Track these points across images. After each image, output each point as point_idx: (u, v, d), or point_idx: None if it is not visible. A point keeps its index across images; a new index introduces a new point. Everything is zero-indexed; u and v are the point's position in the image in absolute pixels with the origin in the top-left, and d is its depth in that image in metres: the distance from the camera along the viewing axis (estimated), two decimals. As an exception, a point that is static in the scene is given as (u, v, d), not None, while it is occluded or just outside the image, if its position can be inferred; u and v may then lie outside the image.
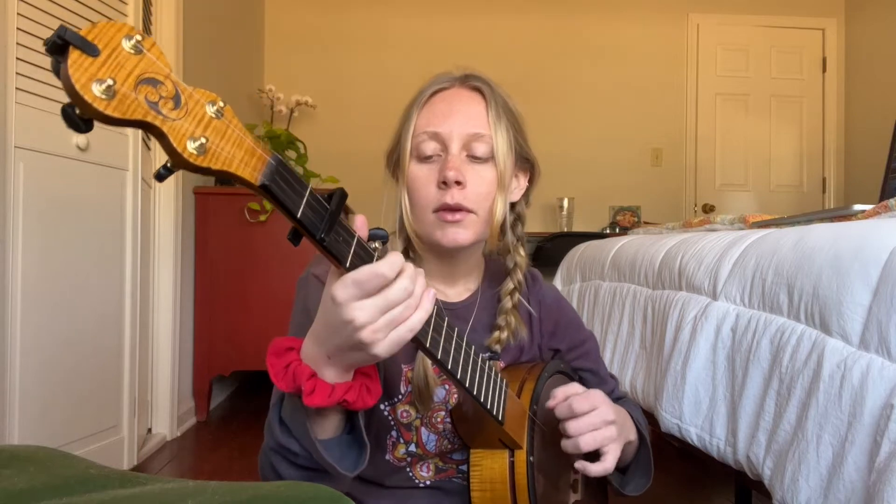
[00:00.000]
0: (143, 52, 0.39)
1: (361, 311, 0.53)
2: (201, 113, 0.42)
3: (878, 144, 3.66)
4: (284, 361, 0.60)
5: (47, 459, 0.53)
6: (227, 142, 0.43)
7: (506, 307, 0.88)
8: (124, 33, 0.39)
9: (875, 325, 0.84)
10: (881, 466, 0.75)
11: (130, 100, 0.38)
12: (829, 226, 1.07)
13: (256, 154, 0.45)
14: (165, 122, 0.40)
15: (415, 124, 0.83)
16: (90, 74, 0.37)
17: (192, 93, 0.42)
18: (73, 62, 0.37)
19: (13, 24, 1.63)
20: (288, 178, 0.47)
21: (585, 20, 4.29)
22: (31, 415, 1.70)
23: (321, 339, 0.58)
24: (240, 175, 0.44)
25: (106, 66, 0.38)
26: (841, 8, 4.38)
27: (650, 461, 0.93)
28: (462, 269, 0.89)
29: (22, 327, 1.67)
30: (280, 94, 3.54)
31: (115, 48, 0.38)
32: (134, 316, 2.11)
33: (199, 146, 0.41)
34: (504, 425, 0.75)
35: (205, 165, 0.42)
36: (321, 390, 0.58)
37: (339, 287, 0.53)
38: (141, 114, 0.39)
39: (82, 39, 0.37)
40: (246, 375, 3.49)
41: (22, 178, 1.67)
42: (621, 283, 1.83)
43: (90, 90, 0.37)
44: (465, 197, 0.79)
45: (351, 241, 0.52)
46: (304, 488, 0.44)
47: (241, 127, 0.45)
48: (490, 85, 0.85)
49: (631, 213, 4.21)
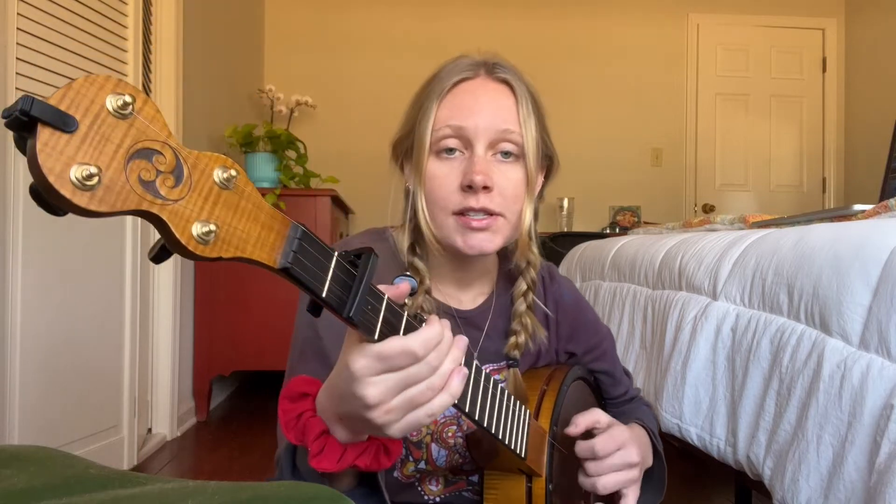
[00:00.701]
0: (133, 116, 0.32)
1: (375, 388, 0.46)
2: (208, 185, 0.35)
3: (878, 144, 3.66)
4: (297, 409, 0.55)
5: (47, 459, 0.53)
6: (239, 218, 0.36)
7: (519, 310, 0.82)
8: (108, 91, 0.31)
9: (875, 325, 0.84)
10: (881, 467, 0.75)
11: (119, 186, 0.31)
12: (829, 226, 1.07)
13: (274, 228, 0.38)
14: (165, 206, 0.32)
15: (435, 116, 0.74)
16: (67, 158, 0.29)
17: (196, 160, 0.34)
18: (45, 144, 0.28)
19: (13, 24, 1.63)
20: (311, 251, 0.40)
21: (585, 20, 4.29)
22: (31, 415, 1.70)
23: (334, 399, 0.52)
24: (255, 259, 0.37)
25: (87, 143, 0.30)
26: (841, 8, 4.38)
27: (664, 478, 0.90)
28: (476, 272, 0.84)
29: (22, 327, 1.67)
30: (280, 94, 3.53)
31: (97, 115, 0.30)
32: (134, 316, 2.11)
33: (206, 233, 0.34)
34: (526, 460, 0.70)
35: (213, 256, 0.35)
36: (330, 453, 0.52)
37: (357, 356, 0.46)
38: (134, 203, 0.31)
39: (54, 111, 0.28)
40: (246, 375, 3.49)
41: (22, 178, 1.67)
42: (621, 283, 1.83)
43: (67, 181, 0.29)
44: (492, 200, 0.72)
45: (379, 308, 0.45)
46: (304, 488, 0.44)
47: (257, 195, 0.38)
48: (518, 75, 0.78)
49: (631, 213, 4.21)
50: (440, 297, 0.82)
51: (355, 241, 0.82)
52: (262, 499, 0.42)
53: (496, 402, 0.62)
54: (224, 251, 0.35)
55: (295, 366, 0.76)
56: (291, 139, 2.99)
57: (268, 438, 2.48)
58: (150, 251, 0.35)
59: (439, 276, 0.82)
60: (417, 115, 0.77)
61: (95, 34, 1.91)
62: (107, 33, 1.97)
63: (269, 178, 2.91)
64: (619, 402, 0.97)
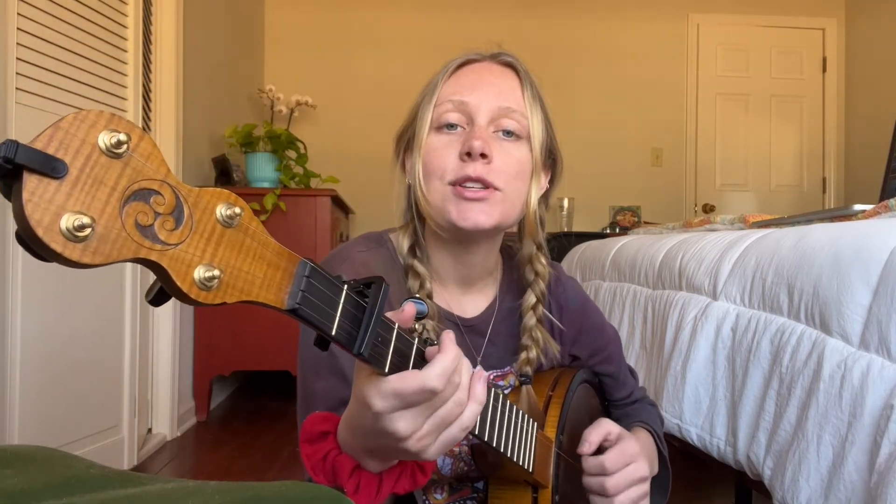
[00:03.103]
0: (128, 154, 0.29)
1: (403, 422, 0.46)
2: (211, 225, 0.32)
3: (878, 144, 3.66)
4: (321, 451, 0.53)
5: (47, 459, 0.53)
6: (244, 258, 0.34)
7: (529, 324, 0.80)
8: (100, 129, 0.28)
9: (875, 325, 0.84)
10: (882, 467, 0.75)
11: (115, 235, 0.28)
12: (829, 226, 1.07)
13: (281, 266, 0.36)
14: (165, 252, 0.30)
15: (439, 93, 0.74)
16: (56, 208, 0.26)
17: (197, 198, 0.32)
18: (32, 194, 0.25)
19: (13, 24, 1.63)
20: (320, 287, 0.38)
21: (585, 20, 4.29)
22: (31, 415, 1.70)
23: (358, 435, 0.50)
24: (262, 302, 0.36)
25: (78, 189, 0.27)
26: (841, 8, 4.38)
27: (668, 481, 0.90)
28: (479, 268, 0.80)
29: (22, 327, 1.67)
30: (280, 94, 3.53)
31: (88, 157, 0.27)
32: (134, 315, 2.11)
33: (208, 278, 0.32)
34: (533, 474, 0.69)
35: (217, 302, 0.33)
36: (367, 487, 0.51)
37: (376, 397, 0.45)
38: (131, 251, 0.29)
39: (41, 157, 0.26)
40: (246, 375, 3.49)
41: (22, 178, 1.67)
42: (621, 283, 1.83)
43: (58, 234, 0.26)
44: (490, 171, 0.69)
45: (389, 339, 0.44)
46: (304, 488, 0.44)
47: (263, 231, 0.35)
48: (524, 66, 0.79)
49: (631, 213, 4.21)
50: (442, 304, 0.80)
51: (353, 249, 0.79)
52: (262, 499, 0.42)
53: (504, 420, 0.60)
54: (228, 296, 0.33)
55: (312, 385, 0.72)
56: (291, 139, 2.99)
57: (268, 438, 2.48)
58: (147, 293, 0.33)
59: (441, 277, 0.80)
60: (421, 100, 0.76)
61: (95, 34, 1.91)
62: (107, 33, 1.97)
63: (269, 178, 2.91)
64: (623, 403, 0.96)
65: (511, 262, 0.87)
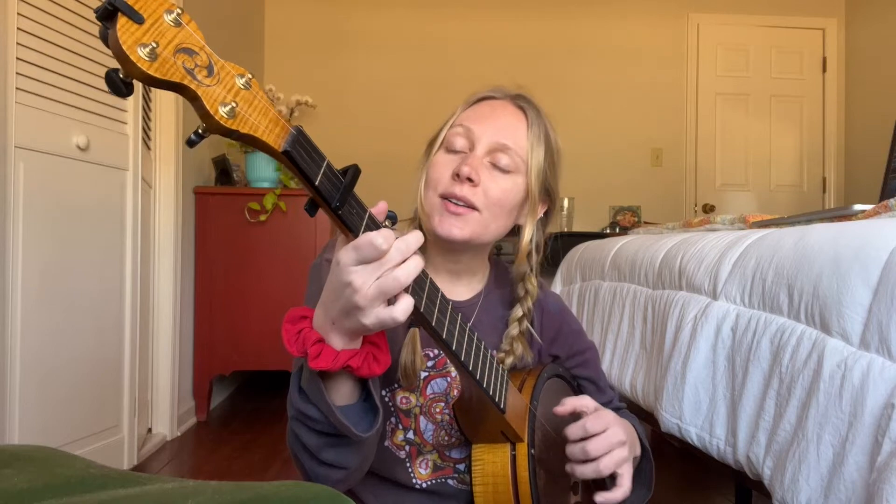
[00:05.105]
0: (181, 25, 0.43)
1: (357, 275, 0.56)
2: (231, 82, 0.46)
3: (878, 144, 3.66)
4: (297, 328, 0.62)
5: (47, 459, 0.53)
6: (253, 110, 0.47)
7: (512, 333, 0.88)
8: (166, 7, 0.42)
9: (875, 324, 0.84)
10: (882, 466, 0.75)
11: (170, 64, 0.42)
12: (829, 226, 1.07)
13: (280, 123, 0.49)
14: (200, 86, 0.43)
15: (455, 118, 0.87)
16: (136, 38, 0.40)
17: (223, 64, 0.46)
18: (121, 27, 0.39)
19: (13, 24, 1.63)
20: (308, 148, 0.51)
21: (585, 20, 4.29)
22: (31, 415, 1.70)
23: (327, 305, 0.61)
24: (264, 140, 0.47)
25: (149, 32, 0.41)
26: (841, 8, 4.38)
27: (651, 473, 0.94)
28: (465, 266, 0.90)
29: (22, 327, 1.67)
30: (280, 94, 3.53)
31: (157, 19, 0.42)
32: (134, 316, 2.11)
33: (229, 110, 0.44)
34: (505, 414, 0.75)
35: (234, 128, 0.45)
36: (326, 355, 0.60)
37: (342, 252, 0.57)
38: (179, 76, 0.42)
39: (130, 7, 0.40)
40: (246, 375, 3.49)
41: (22, 178, 1.67)
42: (621, 283, 1.83)
43: (136, 51, 0.40)
44: (474, 194, 0.81)
45: (363, 215, 0.56)
46: (304, 488, 0.44)
47: (267, 99, 0.48)
48: (537, 109, 0.88)
49: (631, 213, 4.21)
50: None
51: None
52: (262, 499, 0.42)
53: (475, 346, 0.70)
54: (241, 126, 0.45)
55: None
56: (291, 139, 2.99)
57: (268, 438, 2.48)
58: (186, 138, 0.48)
59: (433, 266, 0.89)
60: (448, 119, 0.89)
61: (95, 34, 1.91)
62: (107, 33, 1.97)
63: (269, 177, 2.91)
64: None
65: (501, 270, 0.96)
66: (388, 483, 0.87)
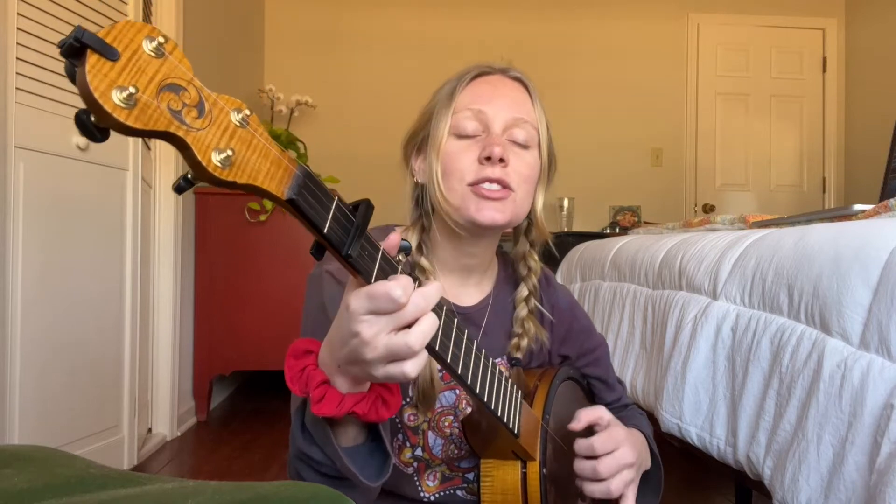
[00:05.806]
0: (164, 56, 0.37)
1: (368, 325, 0.50)
2: (226, 122, 0.40)
3: (878, 144, 3.66)
4: (301, 364, 0.58)
5: (47, 459, 0.53)
6: (252, 152, 0.41)
7: (521, 315, 0.86)
8: (145, 34, 0.36)
9: (875, 325, 0.84)
10: (882, 467, 0.75)
11: (152, 109, 0.36)
12: (829, 226, 1.07)
13: (283, 165, 0.43)
14: (189, 132, 0.37)
15: (456, 102, 0.81)
16: (110, 81, 0.34)
17: (216, 100, 0.40)
18: (92, 67, 0.33)
19: (13, 24, 1.63)
20: (315, 190, 0.44)
21: (585, 20, 4.29)
22: (31, 415, 1.70)
23: (333, 347, 0.56)
24: (265, 189, 0.42)
25: (126, 71, 0.35)
26: (841, 8, 4.38)
27: (660, 481, 0.92)
28: (478, 259, 0.86)
29: (22, 327, 1.67)
30: (280, 94, 3.54)
31: (135, 51, 0.35)
32: (134, 316, 2.11)
33: (224, 158, 0.39)
34: (519, 438, 0.73)
35: (230, 179, 0.39)
36: (330, 400, 0.56)
37: (353, 298, 0.51)
38: (164, 124, 0.36)
39: (101, 42, 0.34)
40: (246, 375, 3.49)
41: (22, 178, 1.67)
42: (621, 283, 1.83)
43: (110, 98, 0.34)
44: (507, 174, 0.78)
45: (376, 256, 0.50)
46: (304, 488, 0.44)
47: (267, 136, 0.42)
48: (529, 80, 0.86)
49: (631, 213, 4.21)
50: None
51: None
52: (262, 499, 0.42)
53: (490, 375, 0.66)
54: (239, 177, 0.40)
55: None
56: (292, 139, 2.99)
57: (267, 438, 2.48)
58: (173, 184, 0.41)
59: (443, 267, 0.85)
60: (435, 106, 0.83)
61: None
62: (107, 33, 1.97)
63: (269, 178, 2.91)
64: (612, 408, 0.97)
65: (506, 261, 0.93)
66: (394, 497, 0.84)
